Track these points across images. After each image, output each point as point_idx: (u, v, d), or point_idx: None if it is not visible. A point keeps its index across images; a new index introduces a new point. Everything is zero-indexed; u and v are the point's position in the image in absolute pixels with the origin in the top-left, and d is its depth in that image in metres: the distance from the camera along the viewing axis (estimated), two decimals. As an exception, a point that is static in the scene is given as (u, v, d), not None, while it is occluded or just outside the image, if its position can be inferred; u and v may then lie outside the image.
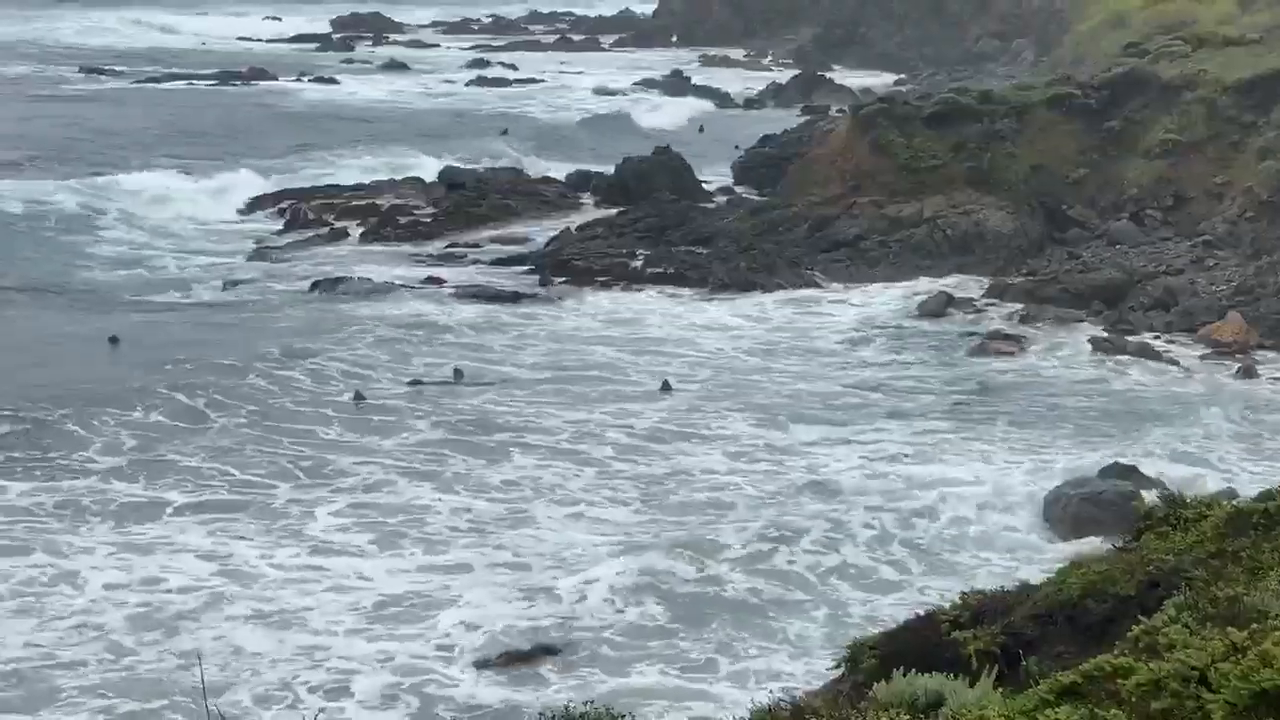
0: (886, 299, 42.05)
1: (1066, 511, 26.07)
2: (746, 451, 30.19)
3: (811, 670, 19.34)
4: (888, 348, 38.02)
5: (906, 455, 29.80)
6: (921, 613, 12.51)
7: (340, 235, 49.63)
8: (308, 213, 51.34)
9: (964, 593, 12.29)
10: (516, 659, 21.31)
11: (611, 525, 26.32)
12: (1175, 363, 36.42)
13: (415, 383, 34.09)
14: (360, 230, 49.99)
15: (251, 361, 34.63)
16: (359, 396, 32.81)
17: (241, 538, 25.35)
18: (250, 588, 23.40)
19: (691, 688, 20.75)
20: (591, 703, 10.33)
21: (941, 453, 29.93)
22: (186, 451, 29.15)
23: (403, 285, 42.82)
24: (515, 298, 41.87)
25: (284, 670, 20.92)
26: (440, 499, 27.25)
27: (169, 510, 26.37)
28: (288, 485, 27.73)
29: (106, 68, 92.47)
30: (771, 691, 17.96)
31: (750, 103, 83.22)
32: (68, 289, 42.32)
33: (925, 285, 42.64)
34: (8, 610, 22.46)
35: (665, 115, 75.87)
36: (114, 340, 36.83)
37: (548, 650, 21.62)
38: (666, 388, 33.91)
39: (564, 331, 38.97)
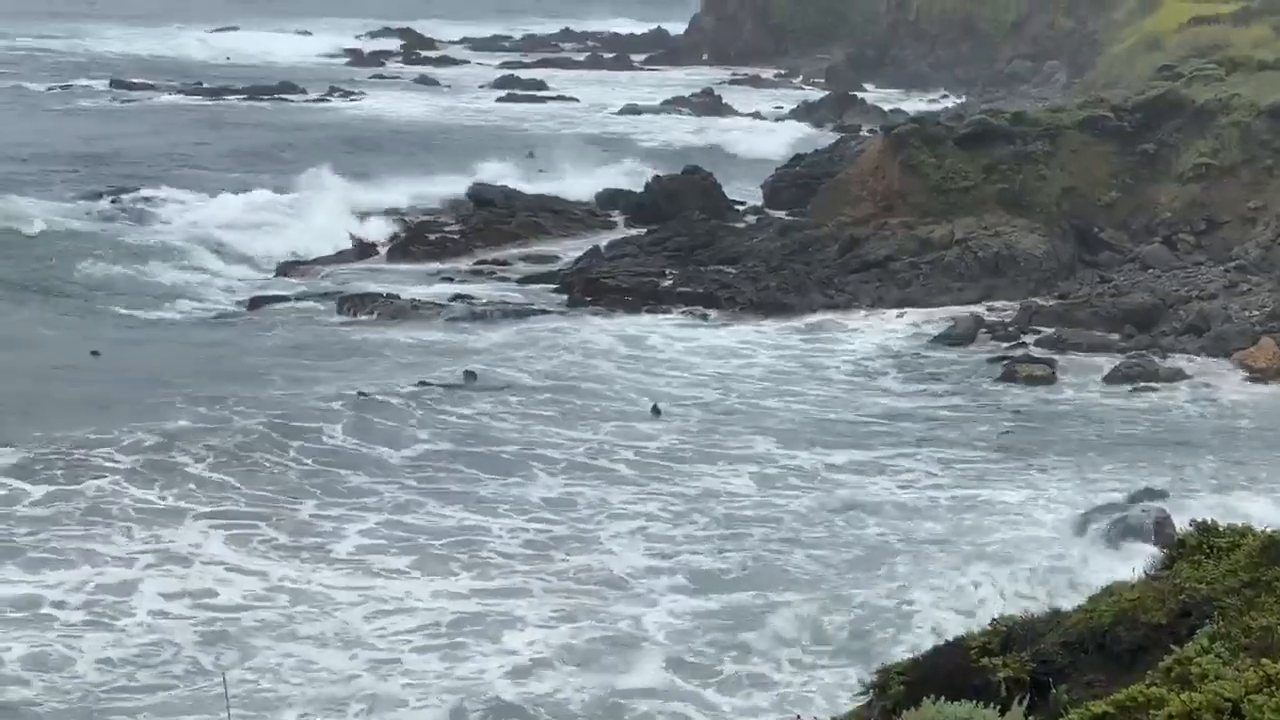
0: (916, 321, 41.85)
1: (1098, 536, 25.90)
2: (776, 475, 30.02)
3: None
4: (917, 372, 37.78)
5: (938, 479, 29.60)
6: (950, 638, 12.39)
7: (368, 251, 49.69)
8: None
9: (994, 619, 12.16)
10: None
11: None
12: (1207, 387, 36.18)
13: (422, 383, 34.15)
14: (388, 247, 50.05)
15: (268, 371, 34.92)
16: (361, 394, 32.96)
17: (269, 552, 25.37)
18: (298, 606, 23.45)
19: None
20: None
21: (972, 478, 29.69)
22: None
23: (430, 302, 42.84)
24: (540, 314, 41.89)
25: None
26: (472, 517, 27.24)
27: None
28: (311, 502, 27.76)
29: (136, 81, 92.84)
30: (800, 717, 17.94)
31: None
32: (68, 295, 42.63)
33: (956, 307, 42.45)
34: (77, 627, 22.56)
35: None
36: (95, 354, 37.31)
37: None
38: (656, 411, 33.71)
39: (580, 344, 38.82)
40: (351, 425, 31.35)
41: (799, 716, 18.00)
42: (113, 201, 53.45)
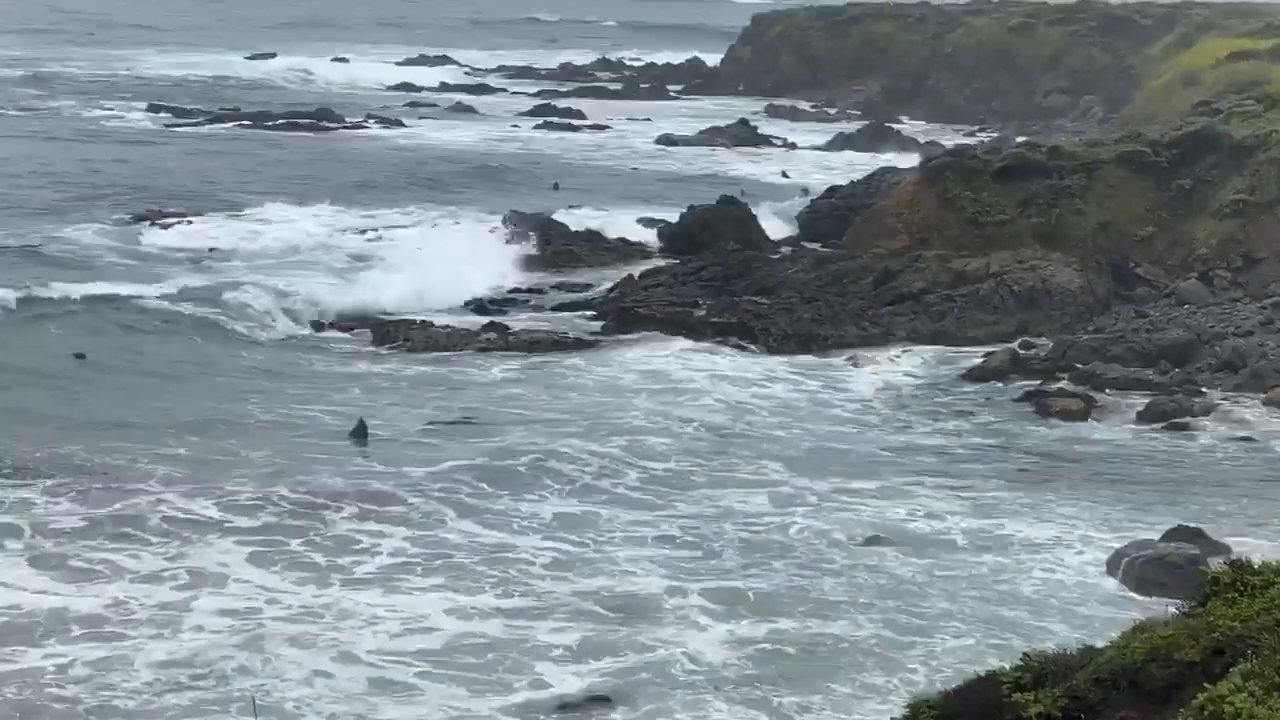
0: (951, 354, 41.83)
1: (1130, 574, 25.80)
2: (794, 498, 30.08)
3: None
4: (948, 407, 37.73)
5: (964, 514, 29.56)
6: (982, 673, 12.40)
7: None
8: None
9: (1025, 654, 12.18)
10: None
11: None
12: (1242, 424, 36.04)
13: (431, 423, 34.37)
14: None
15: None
16: (359, 432, 33.02)
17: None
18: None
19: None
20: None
21: (1000, 513, 29.61)
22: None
23: (463, 330, 43.06)
24: (575, 345, 42.01)
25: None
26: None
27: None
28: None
29: (173, 106, 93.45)
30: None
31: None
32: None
33: (990, 341, 42.39)
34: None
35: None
36: (80, 356, 38.22)
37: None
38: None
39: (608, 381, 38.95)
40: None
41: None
42: None
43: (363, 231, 55.57)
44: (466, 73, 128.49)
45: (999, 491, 30.96)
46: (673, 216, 55.89)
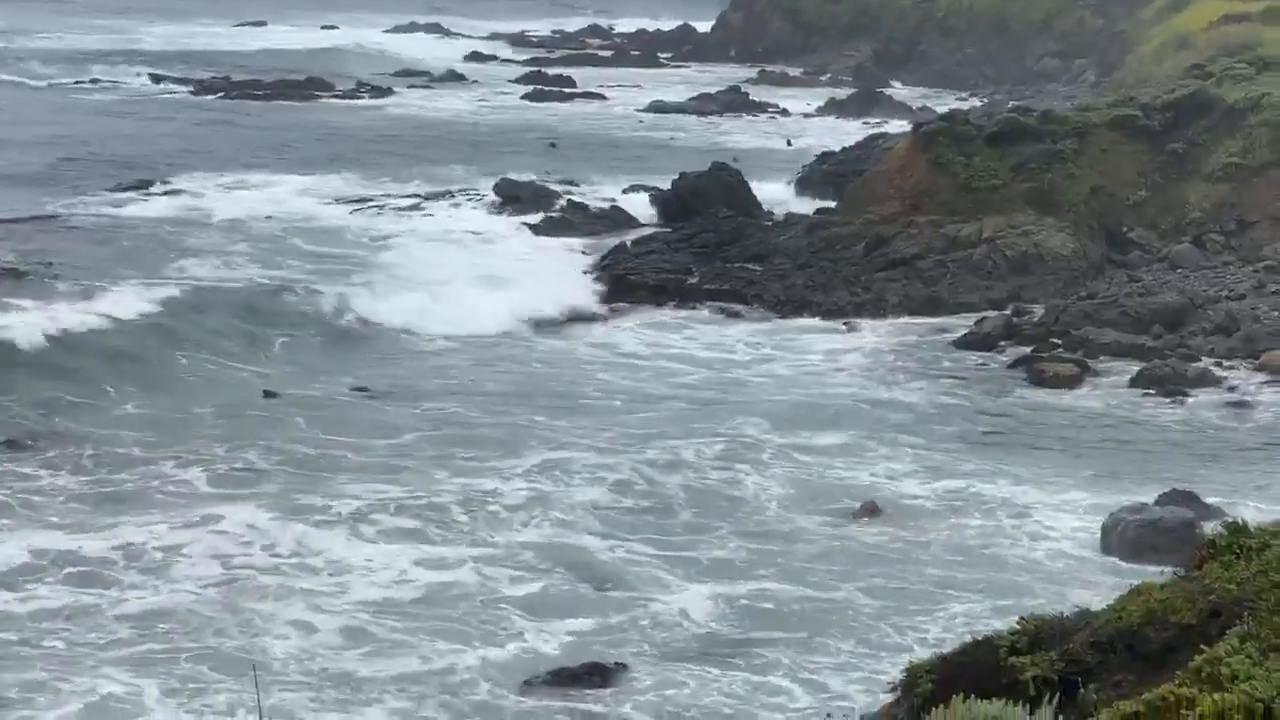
0: (943, 320, 41.83)
1: (1125, 538, 25.80)
2: (774, 459, 30.20)
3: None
4: (944, 372, 37.77)
5: (951, 479, 29.56)
6: (979, 637, 12.42)
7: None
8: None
9: (1022, 618, 12.20)
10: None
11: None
12: (1235, 389, 36.06)
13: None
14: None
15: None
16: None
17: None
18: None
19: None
20: None
21: (994, 478, 29.55)
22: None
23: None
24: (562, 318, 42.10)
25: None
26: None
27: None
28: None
29: (168, 75, 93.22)
30: (830, 715, 17.97)
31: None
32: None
33: (983, 307, 42.37)
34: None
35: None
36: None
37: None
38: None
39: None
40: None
41: (829, 715, 18.05)
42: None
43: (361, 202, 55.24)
44: (457, 39, 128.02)
45: (990, 457, 30.90)
46: (664, 184, 55.73)
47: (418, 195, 56.13)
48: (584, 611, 23.24)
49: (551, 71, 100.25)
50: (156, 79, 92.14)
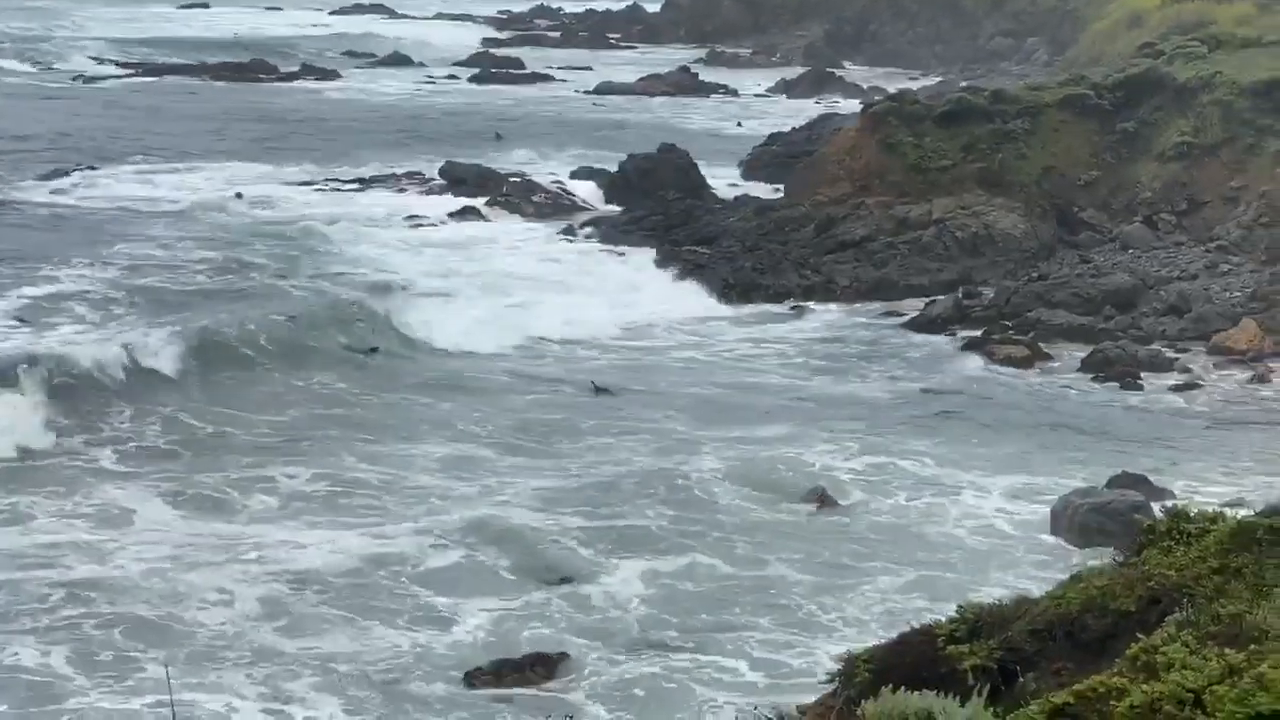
0: (893, 303, 41.56)
1: (1074, 521, 25.53)
2: (705, 445, 29.76)
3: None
4: (893, 354, 37.49)
5: (922, 461, 29.26)
6: (918, 625, 12.14)
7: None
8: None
9: (961, 606, 11.90)
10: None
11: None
12: (1188, 371, 35.90)
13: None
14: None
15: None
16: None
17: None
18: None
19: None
20: None
21: (941, 462, 29.22)
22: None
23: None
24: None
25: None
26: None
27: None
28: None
29: (106, 58, 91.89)
30: (757, 707, 17.58)
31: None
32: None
33: (933, 289, 42.11)
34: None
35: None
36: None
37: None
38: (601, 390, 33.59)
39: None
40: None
41: (756, 707, 17.71)
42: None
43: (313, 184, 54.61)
44: (401, 20, 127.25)
45: (939, 441, 30.53)
46: (613, 165, 55.33)
47: (359, 180, 55.47)
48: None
49: (499, 53, 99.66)
50: (98, 61, 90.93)
